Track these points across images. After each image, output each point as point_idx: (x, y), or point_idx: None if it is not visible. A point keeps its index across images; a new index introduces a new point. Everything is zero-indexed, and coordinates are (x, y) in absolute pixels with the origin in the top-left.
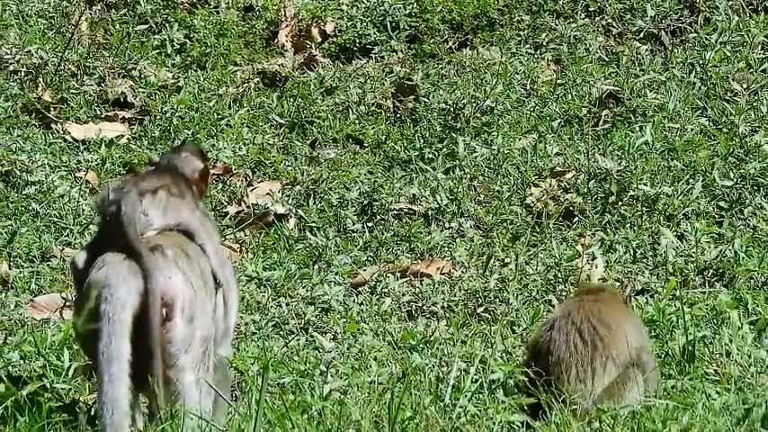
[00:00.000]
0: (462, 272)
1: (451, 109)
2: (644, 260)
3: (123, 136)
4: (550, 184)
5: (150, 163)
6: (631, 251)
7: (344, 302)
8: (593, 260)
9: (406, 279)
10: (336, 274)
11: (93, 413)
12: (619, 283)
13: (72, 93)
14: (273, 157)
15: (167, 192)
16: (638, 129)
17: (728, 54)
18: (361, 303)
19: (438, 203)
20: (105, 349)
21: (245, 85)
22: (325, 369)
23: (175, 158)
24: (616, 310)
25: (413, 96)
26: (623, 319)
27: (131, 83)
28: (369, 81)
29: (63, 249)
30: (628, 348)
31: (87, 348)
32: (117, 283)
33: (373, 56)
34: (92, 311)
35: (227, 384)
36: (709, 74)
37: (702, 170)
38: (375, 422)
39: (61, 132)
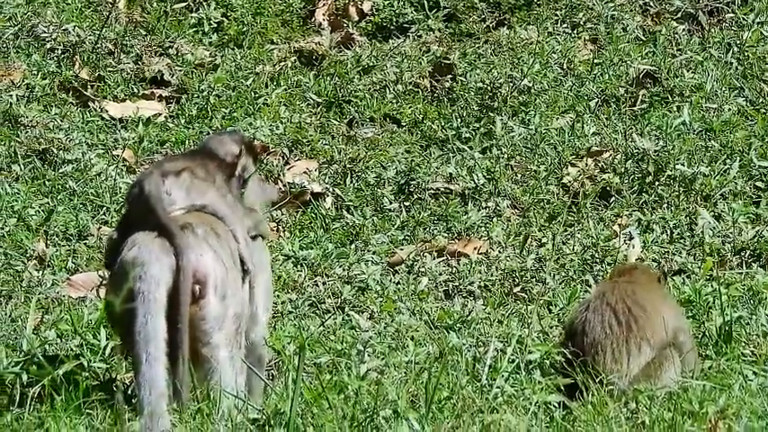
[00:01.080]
0: (499, 251)
1: (488, 88)
2: (681, 240)
3: (160, 114)
4: (587, 164)
5: None
6: (668, 231)
7: (381, 282)
8: (629, 240)
9: (442, 258)
10: (373, 253)
11: (130, 392)
12: (655, 264)
13: (109, 71)
14: (310, 135)
15: (191, 173)
16: (675, 109)
17: (766, 34)
18: (398, 282)
19: (475, 183)
20: (142, 329)
21: (282, 63)
22: (361, 348)
23: (212, 141)
24: (651, 290)
25: (450, 75)
26: (658, 300)
27: (168, 61)
28: (406, 60)
29: (100, 228)
30: (664, 329)
31: (121, 329)
32: (150, 262)
33: (410, 35)
34: (126, 292)
35: (261, 367)
36: (746, 54)
37: (740, 150)
38: (412, 402)
39: (98, 110)
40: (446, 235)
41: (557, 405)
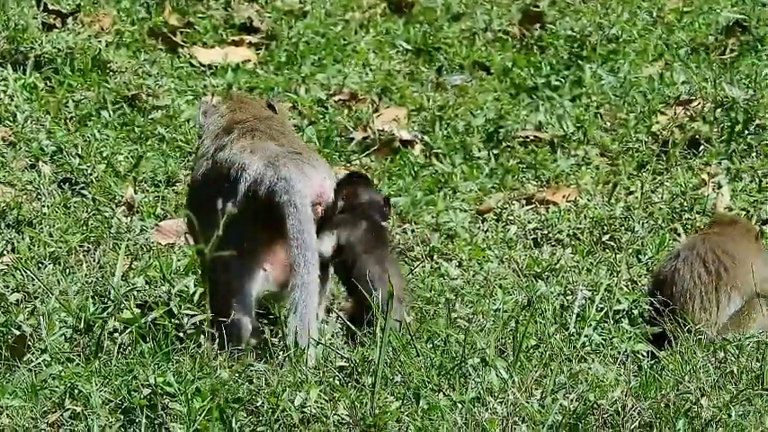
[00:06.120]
0: (588, 199)
1: (578, 36)
2: None
3: (249, 61)
4: (676, 113)
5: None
6: (757, 180)
7: (470, 229)
8: (719, 189)
9: (531, 206)
10: (462, 200)
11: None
12: (744, 213)
13: (198, 17)
14: (399, 83)
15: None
16: (764, 57)
17: None
18: (487, 230)
19: (564, 131)
20: (298, 236)
21: (372, 10)
22: (450, 296)
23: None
24: (742, 242)
25: (539, 23)
26: (749, 251)
27: (258, 7)
28: (495, 7)
29: (188, 174)
30: (753, 278)
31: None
32: (293, 177)
33: None
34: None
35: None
36: None
37: None
38: (500, 350)
39: (187, 57)
40: (535, 183)
41: (645, 354)
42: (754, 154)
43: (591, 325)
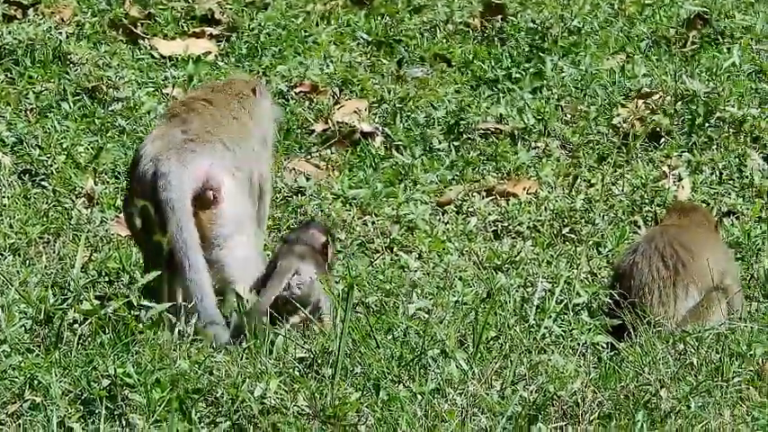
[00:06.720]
0: (548, 192)
1: (539, 28)
2: (730, 182)
3: (210, 53)
4: (637, 105)
5: None
6: (718, 173)
7: (430, 221)
8: (679, 181)
9: (491, 198)
10: (422, 192)
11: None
12: (705, 205)
13: (159, 9)
14: (360, 75)
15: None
16: (725, 50)
17: None
18: (447, 222)
19: (525, 123)
20: (179, 237)
21: (333, 2)
22: (410, 288)
23: None
24: (700, 234)
25: (500, 16)
26: (707, 244)
27: None
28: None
29: None
30: (710, 273)
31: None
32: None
33: None
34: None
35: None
36: None
37: None
38: (459, 342)
39: (148, 48)
40: (495, 175)
41: (604, 346)
42: (714, 146)
43: (551, 317)
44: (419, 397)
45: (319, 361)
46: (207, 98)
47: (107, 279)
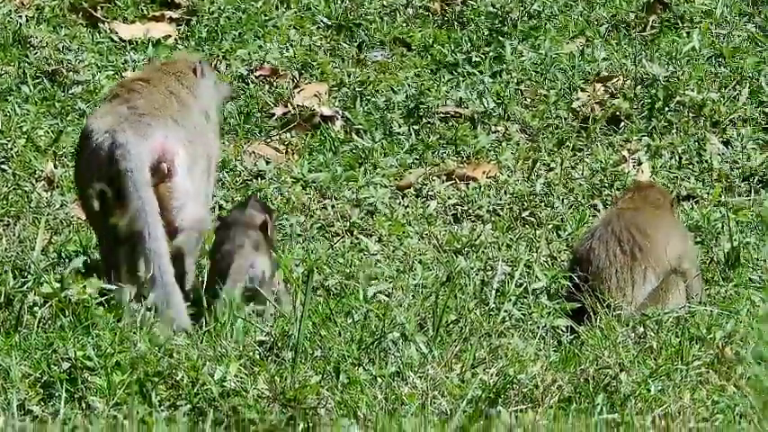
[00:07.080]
0: (508, 176)
1: (499, 12)
2: (690, 166)
3: (170, 36)
4: (597, 89)
5: None
6: (677, 157)
7: (390, 205)
8: (639, 165)
9: (451, 182)
10: (382, 176)
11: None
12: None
13: None
14: (320, 58)
15: None
16: (685, 35)
17: None
18: (407, 206)
19: (484, 107)
20: (139, 206)
21: None
22: (369, 272)
23: None
24: (657, 217)
25: (460, 0)
26: (664, 227)
27: None
28: None
29: None
30: (667, 257)
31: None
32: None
33: None
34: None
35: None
36: None
37: (749, 77)
38: (420, 325)
39: (108, 32)
40: (455, 159)
41: (564, 329)
42: (674, 131)
43: (511, 300)
44: (379, 380)
45: (279, 344)
46: (145, 77)
47: (67, 261)
